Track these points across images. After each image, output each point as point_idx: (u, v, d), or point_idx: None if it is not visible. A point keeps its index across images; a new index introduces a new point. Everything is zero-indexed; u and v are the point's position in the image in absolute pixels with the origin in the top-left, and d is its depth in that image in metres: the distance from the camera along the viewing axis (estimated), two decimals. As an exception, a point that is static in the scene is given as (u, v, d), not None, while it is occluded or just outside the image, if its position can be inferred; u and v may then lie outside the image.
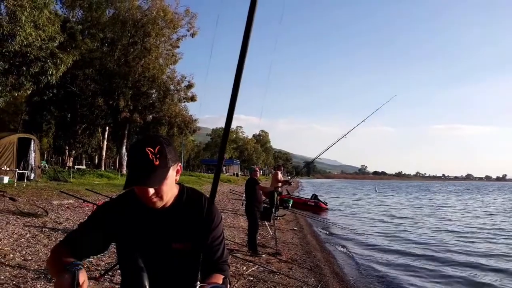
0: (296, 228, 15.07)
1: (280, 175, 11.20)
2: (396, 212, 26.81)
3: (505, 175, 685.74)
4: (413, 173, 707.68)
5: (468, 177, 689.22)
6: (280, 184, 10.86)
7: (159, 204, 1.71)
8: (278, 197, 10.64)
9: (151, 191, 1.64)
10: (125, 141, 40.55)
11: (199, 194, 1.91)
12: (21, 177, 17.34)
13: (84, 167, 46.08)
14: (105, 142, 42.41)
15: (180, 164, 1.79)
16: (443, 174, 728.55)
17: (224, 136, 1.92)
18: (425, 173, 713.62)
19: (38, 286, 5.33)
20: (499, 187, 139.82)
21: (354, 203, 36.27)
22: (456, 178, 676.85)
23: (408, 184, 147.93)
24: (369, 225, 19.48)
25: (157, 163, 1.62)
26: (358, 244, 13.71)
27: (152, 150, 1.62)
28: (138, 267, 1.66)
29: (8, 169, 17.38)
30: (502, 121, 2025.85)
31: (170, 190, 1.73)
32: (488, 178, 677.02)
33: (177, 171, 1.77)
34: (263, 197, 10.39)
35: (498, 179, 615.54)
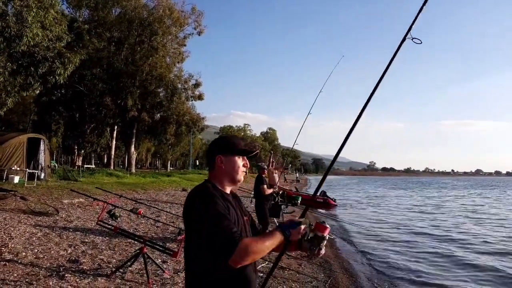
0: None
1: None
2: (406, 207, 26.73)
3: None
4: (422, 169, 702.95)
5: (478, 172, 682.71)
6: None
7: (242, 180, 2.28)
8: (274, 191, 10.46)
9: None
10: (133, 140, 40.73)
11: None
12: (31, 177, 17.47)
13: (93, 166, 46.38)
14: (114, 141, 42.59)
15: None
16: (452, 170, 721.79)
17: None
18: (434, 169, 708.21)
19: (51, 283, 5.39)
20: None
21: (363, 199, 36.16)
22: (465, 173, 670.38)
23: (415, 180, 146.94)
24: (379, 221, 19.42)
25: None
26: (367, 239, 13.68)
27: None
28: None
29: (18, 169, 17.53)
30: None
31: None
32: (497, 173, 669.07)
33: None
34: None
35: (508, 174, 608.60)
